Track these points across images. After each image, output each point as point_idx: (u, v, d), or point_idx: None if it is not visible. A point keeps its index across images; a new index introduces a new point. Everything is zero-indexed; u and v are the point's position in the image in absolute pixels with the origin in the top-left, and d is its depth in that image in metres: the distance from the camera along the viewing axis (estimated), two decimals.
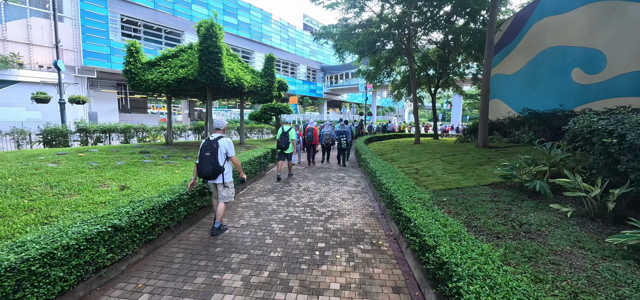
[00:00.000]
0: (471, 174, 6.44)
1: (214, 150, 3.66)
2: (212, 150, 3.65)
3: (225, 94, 12.52)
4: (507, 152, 8.32)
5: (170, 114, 11.58)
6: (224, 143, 3.75)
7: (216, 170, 3.64)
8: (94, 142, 12.61)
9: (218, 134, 3.81)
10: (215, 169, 3.63)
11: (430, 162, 7.98)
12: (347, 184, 6.95)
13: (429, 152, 10.08)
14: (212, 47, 8.89)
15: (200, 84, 9.47)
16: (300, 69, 37.16)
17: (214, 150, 3.66)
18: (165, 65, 10.40)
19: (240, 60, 12.00)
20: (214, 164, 3.62)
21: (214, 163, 3.62)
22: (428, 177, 6.50)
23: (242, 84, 10.22)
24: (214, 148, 3.66)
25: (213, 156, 3.64)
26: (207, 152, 3.64)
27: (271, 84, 12.07)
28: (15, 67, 18.68)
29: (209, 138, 3.76)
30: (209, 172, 3.62)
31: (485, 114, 9.39)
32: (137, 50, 10.57)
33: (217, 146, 3.68)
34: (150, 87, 10.14)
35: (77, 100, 13.22)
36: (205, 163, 3.62)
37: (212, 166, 3.62)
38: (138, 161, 7.66)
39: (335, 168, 9.19)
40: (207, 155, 3.63)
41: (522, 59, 11.52)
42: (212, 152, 3.64)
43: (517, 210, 4.37)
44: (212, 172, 3.63)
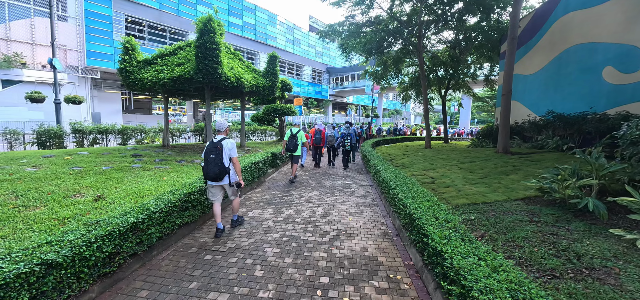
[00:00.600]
0: (497, 185, 5.56)
1: (218, 152, 3.64)
2: (216, 152, 3.64)
3: (226, 94, 11.84)
4: (532, 159, 7.40)
5: (167, 115, 10.94)
6: (228, 144, 3.76)
7: (222, 171, 3.63)
8: (90, 144, 12.06)
9: (221, 136, 3.82)
10: (221, 170, 3.62)
11: (447, 170, 7.10)
12: (354, 194, 6.13)
13: (443, 157, 9.20)
14: (210, 44, 8.20)
15: (198, 83, 8.78)
16: (305, 71, 36.50)
17: (218, 152, 3.64)
18: (162, 64, 9.77)
19: (241, 58, 11.32)
20: (219, 166, 3.61)
21: (219, 164, 3.61)
22: (447, 188, 5.65)
23: (242, 83, 9.51)
24: (219, 149, 3.65)
25: (218, 158, 3.62)
26: (212, 154, 3.64)
27: (274, 84, 11.35)
28: (19, 67, 18.37)
29: (213, 140, 3.74)
30: (215, 174, 3.61)
31: (506, 117, 8.48)
32: (133, 48, 9.97)
33: (221, 147, 3.67)
34: (145, 86, 9.52)
35: (73, 100, 12.71)
36: (211, 165, 3.61)
37: (218, 167, 3.60)
38: (126, 166, 6.98)
39: (340, 174, 8.38)
40: (212, 157, 3.63)
41: (544, 58, 10.55)
42: (217, 154, 3.63)
43: (566, 234, 3.50)
44: (218, 173, 3.62)
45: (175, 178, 6.20)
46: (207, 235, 3.94)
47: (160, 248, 3.42)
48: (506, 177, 6.09)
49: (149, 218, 3.12)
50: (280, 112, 13.93)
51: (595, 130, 7.89)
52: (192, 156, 8.95)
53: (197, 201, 4.13)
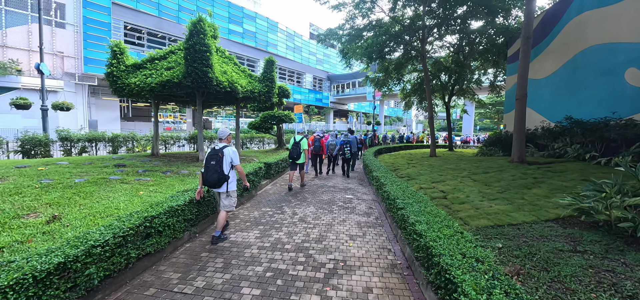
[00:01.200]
0: (521, 202, 4.76)
1: (219, 159, 3.64)
2: (217, 159, 3.63)
3: (219, 100, 11.18)
4: (553, 170, 6.60)
5: (157, 122, 10.28)
6: (229, 152, 3.74)
7: (221, 178, 3.63)
8: (78, 153, 11.38)
9: (223, 143, 3.81)
10: (220, 178, 3.61)
11: (459, 183, 6.31)
12: (355, 211, 5.35)
13: (452, 167, 8.41)
14: (199, 45, 7.55)
15: (187, 88, 8.11)
16: (306, 78, 36.05)
17: (219, 159, 3.64)
18: (152, 68, 9.15)
19: (236, 63, 10.68)
20: (219, 173, 3.60)
21: (219, 171, 3.61)
22: (462, 205, 4.85)
23: (235, 88, 8.84)
24: (220, 157, 3.65)
25: (218, 165, 3.62)
26: (213, 161, 3.63)
27: (271, 89, 10.67)
28: (14, 74, 17.91)
29: (215, 147, 3.74)
30: (213, 181, 3.62)
31: (521, 123, 7.71)
32: (122, 52, 9.37)
33: (222, 155, 3.66)
34: (133, 92, 8.87)
35: (61, 106, 12.11)
36: (211, 171, 3.61)
37: (217, 175, 3.60)
38: (103, 178, 6.25)
39: (340, 186, 7.60)
40: (213, 164, 3.62)
41: (556, 61, 9.83)
42: (217, 161, 3.63)
43: (625, 271, 2.74)
44: (217, 181, 3.62)
45: (155, 192, 5.47)
46: (174, 269, 3.17)
47: (108, 290, 2.65)
48: (529, 191, 5.29)
49: (87, 254, 2.37)
50: (278, 119, 13.23)
51: (621, 138, 7.09)
52: (181, 166, 8.22)
53: (164, 225, 3.38)
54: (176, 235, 3.66)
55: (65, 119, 20.76)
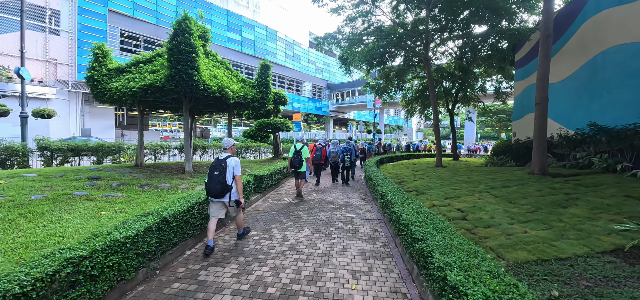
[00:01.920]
0: (560, 226, 3.86)
1: (222, 170, 3.58)
2: (220, 170, 3.58)
3: (210, 107, 10.36)
4: (584, 184, 5.69)
5: (142, 130, 9.44)
6: (232, 162, 3.68)
7: (224, 189, 3.57)
8: (59, 163, 10.51)
9: (226, 154, 3.77)
10: (223, 188, 3.56)
11: (477, 199, 5.40)
12: (358, 236, 4.43)
13: (464, 179, 7.51)
14: (184, 45, 6.78)
15: (171, 92, 7.30)
16: (305, 87, 35.47)
17: (222, 170, 3.58)
18: (136, 72, 8.38)
19: (229, 67, 9.92)
20: (222, 183, 3.55)
21: (222, 182, 3.55)
22: (488, 230, 3.94)
23: (225, 93, 8.03)
24: (223, 167, 3.59)
25: (221, 175, 3.56)
26: (216, 171, 3.57)
27: (265, 95, 9.88)
28: (5, 81, 17.21)
29: (219, 157, 3.70)
30: (216, 191, 3.55)
31: (542, 131, 6.86)
32: (105, 54, 8.64)
33: (225, 165, 3.61)
34: (114, 97, 8.08)
35: (42, 113, 11.30)
36: (214, 182, 3.55)
37: (220, 185, 3.54)
38: (66, 194, 5.36)
39: (340, 201, 6.69)
40: (216, 175, 3.56)
41: (573, 63, 9.05)
42: (220, 172, 3.57)
43: None
44: (220, 191, 3.56)
45: (120, 211, 4.57)
46: None
47: None
48: (565, 211, 4.38)
49: None
50: (274, 127, 12.39)
51: None
52: (163, 179, 7.33)
53: (103, 266, 2.47)
54: (123, 276, 2.74)
55: (56, 127, 19.99)
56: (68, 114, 20.52)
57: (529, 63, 11.34)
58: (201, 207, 4.09)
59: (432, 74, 16.05)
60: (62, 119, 20.56)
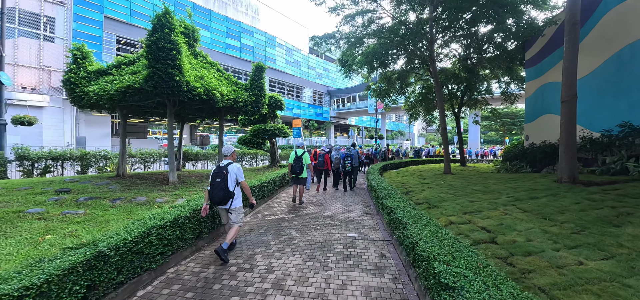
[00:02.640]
0: (622, 252, 2.94)
1: (224, 177, 3.53)
2: (222, 177, 3.53)
3: (199, 112, 9.56)
4: (631, 195, 4.75)
5: (125, 136, 8.64)
6: (234, 169, 3.65)
7: (226, 195, 3.52)
8: (41, 173, 9.73)
9: (227, 161, 3.72)
10: (225, 195, 3.51)
11: (503, 214, 4.48)
12: (361, 264, 3.52)
13: (480, 188, 6.57)
14: (164, 42, 6.00)
15: (150, 95, 6.50)
16: (305, 93, 34.81)
17: (224, 177, 3.53)
18: (117, 74, 7.63)
19: (220, 69, 9.16)
20: (224, 190, 3.50)
21: (224, 189, 3.50)
22: (528, 259, 3.01)
23: (213, 96, 7.23)
24: (224, 174, 3.55)
25: (223, 182, 3.52)
26: (218, 179, 3.53)
27: (259, 99, 9.07)
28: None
29: (219, 164, 3.68)
30: (219, 198, 3.50)
31: (570, 134, 5.94)
32: (84, 56, 7.91)
33: (227, 172, 3.56)
34: (92, 101, 7.31)
35: (21, 120, 10.56)
36: (216, 189, 3.51)
37: (223, 192, 3.50)
38: (17, 211, 4.52)
39: (340, 215, 5.79)
40: (218, 182, 3.52)
41: (594, 59, 8.17)
42: (222, 179, 3.52)
43: None
44: (223, 198, 3.51)
45: (72, 234, 3.72)
46: None
47: None
48: (620, 231, 3.45)
49: None
50: (271, 133, 11.54)
51: None
52: (142, 191, 6.48)
53: None
54: None
55: (50, 136, 19.33)
56: (62, 122, 19.89)
57: (541, 61, 10.48)
58: (162, 232, 3.22)
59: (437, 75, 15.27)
60: (56, 127, 19.95)
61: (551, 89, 9.83)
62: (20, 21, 17.72)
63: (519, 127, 36.34)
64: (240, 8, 28.03)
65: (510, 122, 35.58)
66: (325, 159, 8.38)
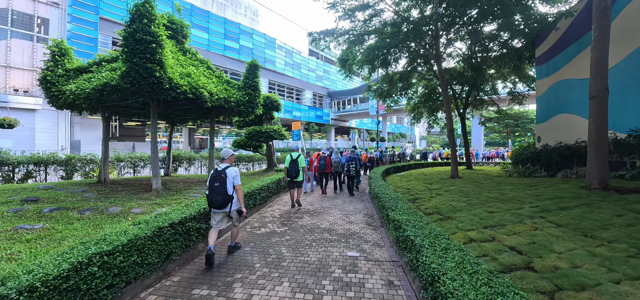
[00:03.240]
0: None
1: (222, 181, 3.47)
2: (221, 181, 3.46)
3: (188, 113, 8.89)
4: None
5: (107, 140, 7.99)
6: (232, 172, 3.58)
7: (226, 199, 3.46)
8: (21, 179, 9.08)
9: (225, 164, 3.65)
10: (225, 199, 3.45)
11: (532, 228, 3.74)
12: (364, 295, 2.81)
13: (495, 196, 5.84)
14: (141, 34, 5.34)
15: (128, 92, 5.83)
16: (305, 95, 34.20)
17: (222, 181, 3.47)
18: (97, 72, 6.99)
19: (212, 68, 8.52)
20: (223, 194, 3.44)
21: (223, 193, 3.44)
22: (582, 295, 2.29)
23: (200, 95, 6.57)
24: (223, 178, 3.48)
25: (222, 186, 3.45)
26: (216, 183, 3.46)
27: (253, 99, 8.42)
28: None
29: (217, 168, 3.58)
30: (219, 202, 3.44)
31: (601, 134, 5.22)
32: (63, 53, 7.29)
33: (225, 176, 3.50)
34: (68, 101, 6.67)
35: (2, 123, 9.94)
36: (215, 193, 3.44)
37: (222, 196, 3.44)
38: None
39: (339, 227, 5.07)
40: (217, 186, 3.45)
41: (616, 53, 7.42)
42: (221, 182, 3.46)
43: None
44: (222, 202, 3.45)
45: (12, 258, 3.03)
46: None
47: None
48: None
49: None
50: (267, 135, 10.84)
51: None
52: (120, 200, 5.80)
53: None
54: None
55: (43, 139, 18.75)
56: (56, 125, 19.32)
57: (554, 57, 9.77)
58: (111, 259, 2.51)
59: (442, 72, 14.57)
60: (50, 130, 19.37)
61: (566, 86, 9.11)
62: (13, 22, 17.21)
63: (523, 128, 35.54)
64: (239, 9, 27.53)
65: (514, 123, 34.77)
66: (327, 162, 8.20)
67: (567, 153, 8.24)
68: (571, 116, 8.92)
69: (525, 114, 35.02)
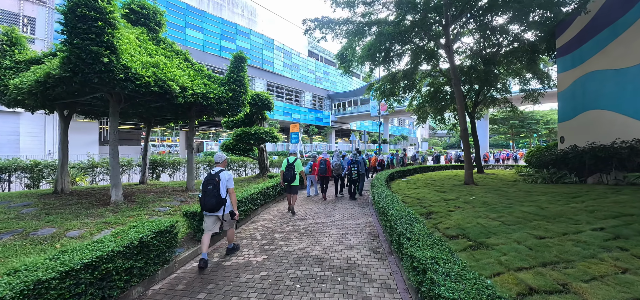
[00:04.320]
0: None
1: (216, 184, 3.46)
2: (214, 184, 3.46)
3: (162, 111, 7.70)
4: None
5: (66, 141, 6.85)
6: (225, 176, 3.57)
7: (219, 202, 3.45)
8: None
9: (219, 168, 3.64)
10: (218, 202, 3.44)
11: (621, 271, 2.49)
12: None
13: (531, 210, 4.57)
14: (84, 8, 4.18)
15: (79, 85, 4.66)
16: (305, 97, 33.07)
17: (216, 184, 3.46)
18: (49, 62, 5.84)
19: (189, 59, 7.37)
20: (216, 197, 3.44)
21: (216, 196, 3.44)
22: None
23: (169, 89, 5.39)
24: (216, 181, 3.47)
25: (215, 189, 3.44)
26: (210, 186, 3.45)
27: (238, 95, 7.27)
28: None
29: (211, 172, 3.57)
30: (212, 205, 3.43)
31: None
32: (13, 42, 6.18)
33: (219, 179, 3.49)
34: (11, 97, 5.53)
35: None
36: (208, 196, 3.43)
37: (215, 199, 3.43)
38: None
39: (335, 255, 3.85)
40: (210, 189, 3.44)
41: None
42: (214, 186, 3.45)
43: None
44: (215, 205, 3.44)
45: None
46: None
47: None
48: None
49: None
50: (256, 137, 9.62)
51: None
52: (61, 217, 4.60)
53: None
54: None
55: (28, 144, 17.68)
56: (43, 129, 18.27)
57: (581, 46, 8.52)
58: None
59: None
60: (36, 135, 18.31)
61: (597, 79, 7.86)
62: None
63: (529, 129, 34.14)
64: (236, 9, 26.55)
65: (519, 124, 33.39)
66: (327, 165, 7.75)
67: (603, 155, 6.98)
68: (604, 112, 7.66)
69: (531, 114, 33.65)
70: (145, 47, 6.05)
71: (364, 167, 8.23)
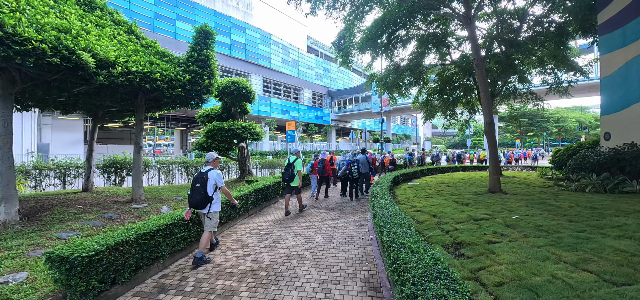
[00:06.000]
0: None
1: (203, 182, 3.49)
2: (202, 182, 3.49)
3: (97, 98, 5.94)
4: None
5: None
6: (213, 175, 3.59)
7: (204, 200, 3.47)
8: None
9: (208, 167, 3.66)
10: (203, 199, 3.46)
11: None
12: None
13: (623, 244, 2.76)
14: None
15: None
16: (304, 94, 31.32)
17: (203, 182, 3.49)
18: None
19: (135, 31, 5.66)
20: (202, 194, 3.46)
21: (202, 193, 3.46)
22: None
23: (78, 61, 3.68)
24: (204, 180, 3.50)
25: (202, 187, 3.48)
26: (198, 184, 3.49)
27: (199, 78, 5.58)
28: None
29: (201, 170, 3.61)
30: (197, 202, 3.47)
31: None
32: None
33: (207, 178, 3.52)
34: None
35: None
36: (195, 193, 3.47)
37: (201, 196, 3.45)
38: None
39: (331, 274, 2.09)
40: (198, 186, 3.48)
41: None
42: (202, 184, 3.48)
43: None
44: (200, 202, 3.46)
45: None
46: None
47: None
48: None
49: None
50: (232, 134, 7.85)
51: None
52: None
53: None
54: None
55: None
56: (20, 126, 16.78)
57: (635, 19, 6.63)
58: None
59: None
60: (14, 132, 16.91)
61: (630, 71, 5.98)
62: None
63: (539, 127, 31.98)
64: (231, 2, 24.86)
65: (529, 122, 31.25)
66: (325, 164, 7.31)
67: None
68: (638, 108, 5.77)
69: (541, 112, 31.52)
70: (60, 9, 4.33)
71: (367, 167, 7.59)
